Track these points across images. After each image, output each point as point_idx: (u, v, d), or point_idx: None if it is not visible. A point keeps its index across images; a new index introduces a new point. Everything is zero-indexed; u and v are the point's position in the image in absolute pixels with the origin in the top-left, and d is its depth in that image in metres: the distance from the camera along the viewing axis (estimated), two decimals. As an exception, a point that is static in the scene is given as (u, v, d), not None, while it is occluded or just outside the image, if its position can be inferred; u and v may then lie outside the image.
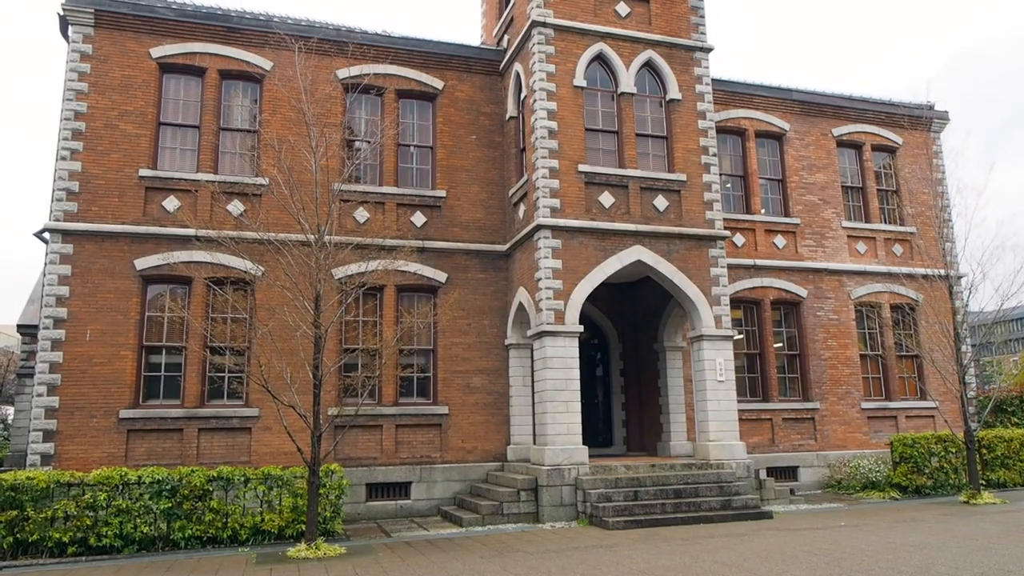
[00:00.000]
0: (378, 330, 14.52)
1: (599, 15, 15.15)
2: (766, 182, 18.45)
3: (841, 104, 19.41)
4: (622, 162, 14.65)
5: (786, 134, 18.64)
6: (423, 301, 15.28)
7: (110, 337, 13.29)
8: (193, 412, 13.42)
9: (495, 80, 16.60)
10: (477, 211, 15.85)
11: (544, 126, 14.14)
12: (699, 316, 14.53)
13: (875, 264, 18.77)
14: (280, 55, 14.78)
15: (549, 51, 14.54)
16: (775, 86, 18.85)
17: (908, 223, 19.28)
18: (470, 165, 16.00)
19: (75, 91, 13.89)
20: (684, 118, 15.25)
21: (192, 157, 14.53)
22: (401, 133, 15.81)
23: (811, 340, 17.79)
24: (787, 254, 18.01)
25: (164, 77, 14.65)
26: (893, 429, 17.91)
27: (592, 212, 14.21)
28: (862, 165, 19.49)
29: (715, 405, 14.26)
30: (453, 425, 14.86)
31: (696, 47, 15.67)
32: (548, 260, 13.69)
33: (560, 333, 13.50)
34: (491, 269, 15.68)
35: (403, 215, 15.30)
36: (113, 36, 14.32)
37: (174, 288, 14.07)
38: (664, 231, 14.49)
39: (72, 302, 13.22)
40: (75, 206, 13.52)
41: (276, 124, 14.76)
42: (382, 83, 15.60)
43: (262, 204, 14.26)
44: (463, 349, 15.20)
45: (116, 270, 13.54)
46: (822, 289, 18.15)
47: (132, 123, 14.11)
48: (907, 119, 19.53)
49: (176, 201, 14.02)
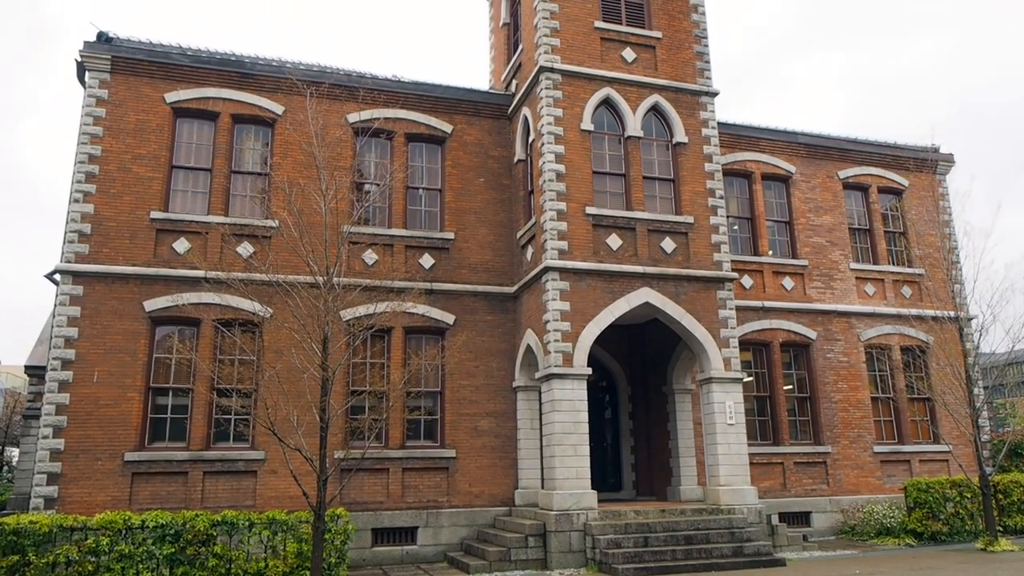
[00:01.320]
0: (386, 372, 14.46)
1: (606, 60, 15.37)
2: (773, 224, 18.49)
3: (846, 147, 19.54)
4: (629, 204, 14.73)
5: (792, 176, 18.74)
6: (431, 343, 15.25)
7: (117, 379, 13.27)
8: (198, 455, 13.32)
9: (503, 124, 16.80)
10: (485, 253, 15.90)
11: (552, 169, 14.26)
12: (708, 358, 14.44)
13: (884, 306, 18.70)
14: (292, 100, 15.01)
15: (557, 96, 14.73)
16: (780, 129, 19.03)
17: (916, 265, 19.25)
18: (478, 207, 16.11)
19: (90, 135, 14.10)
20: (691, 161, 15.36)
21: (203, 200, 14.67)
22: (410, 176, 15.96)
23: (821, 382, 17.64)
24: (795, 296, 17.96)
25: (178, 121, 14.88)
26: (907, 473, 17.63)
27: (600, 254, 14.24)
28: (869, 207, 19.54)
29: (725, 449, 14.08)
30: (460, 469, 14.70)
31: (702, 91, 15.86)
32: (556, 302, 13.68)
33: (568, 376, 13.42)
34: (499, 311, 15.67)
35: (411, 257, 15.36)
36: (129, 81, 14.59)
37: (182, 329, 14.09)
38: (672, 273, 14.49)
39: (80, 343, 13.24)
40: (86, 248, 13.63)
41: (287, 167, 14.93)
42: (392, 127, 15.80)
43: (272, 246, 14.34)
44: (471, 391, 15.11)
45: (125, 311, 13.58)
46: (831, 331, 18.05)
47: (145, 166, 14.29)
48: (912, 162, 19.63)
49: (186, 243, 14.12)
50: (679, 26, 16.19)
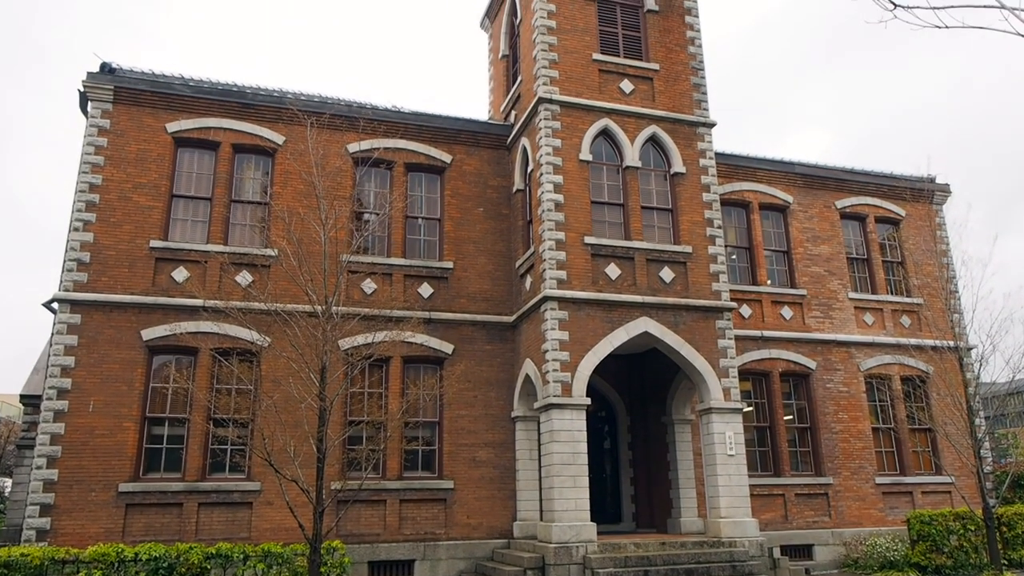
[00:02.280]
0: (384, 402, 14.37)
1: (604, 92, 15.52)
2: (771, 253, 18.53)
3: (843, 177, 19.65)
4: (628, 234, 14.77)
5: (790, 206, 18.83)
6: (429, 373, 15.18)
7: (113, 408, 13.18)
8: (194, 486, 13.18)
9: (502, 154, 16.91)
10: (484, 282, 15.90)
11: (551, 199, 14.32)
12: (707, 388, 14.38)
13: (883, 336, 18.67)
14: (293, 130, 15.12)
15: (555, 126, 14.84)
16: (777, 159, 19.15)
17: (915, 294, 19.25)
18: (477, 237, 16.14)
19: (91, 164, 14.17)
20: (689, 191, 15.44)
21: (203, 228, 14.70)
22: (409, 205, 16.01)
23: (821, 413, 17.54)
24: (794, 325, 17.93)
25: (178, 150, 14.96)
26: (909, 505, 17.46)
27: (599, 284, 14.24)
28: (866, 237, 19.61)
29: (726, 480, 13.96)
30: (458, 500, 14.54)
31: (699, 122, 15.99)
32: (555, 332, 13.65)
33: (567, 406, 13.35)
34: (498, 340, 15.62)
35: (410, 286, 15.35)
36: (131, 111, 14.69)
37: (180, 358, 14.02)
38: (671, 303, 14.49)
39: (77, 372, 13.17)
40: (85, 276, 13.62)
41: (287, 196, 14.98)
42: (392, 157, 15.89)
43: (270, 275, 14.34)
44: (469, 421, 15.01)
45: (123, 340, 13.53)
46: (831, 361, 18.00)
47: (145, 195, 14.34)
48: (909, 192, 19.74)
49: (185, 272, 14.12)
50: (676, 58, 16.37)
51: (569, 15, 15.75)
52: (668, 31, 16.52)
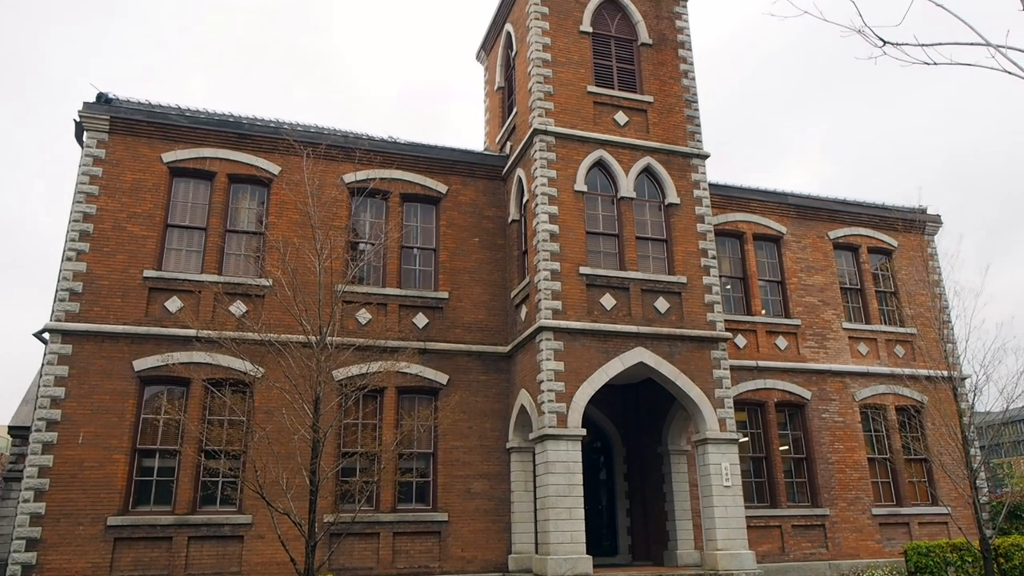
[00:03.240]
0: (377, 433, 14.25)
1: (599, 124, 15.65)
2: (765, 284, 18.59)
3: (835, 208, 19.80)
4: (623, 264, 14.80)
5: (783, 237, 18.93)
6: (424, 403, 15.07)
7: (103, 440, 13.01)
8: (184, 519, 12.98)
9: (498, 184, 16.99)
10: (479, 312, 15.87)
11: (546, 229, 14.36)
12: (703, 419, 14.32)
13: (877, 365, 18.67)
14: (288, 160, 15.15)
15: (550, 157, 14.93)
16: (770, 190, 19.30)
17: (908, 324, 19.31)
18: (472, 267, 16.14)
19: (86, 194, 14.15)
20: (683, 222, 15.52)
21: (197, 258, 14.66)
22: (405, 235, 16.03)
23: (817, 443, 17.48)
24: (789, 355, 17.93)
25: (174, 180, 14.97)
26: (906, 536, 17.33)
27: (594, 314, 14.24)
28: (859, 267, 19.70)
29: (722, 511, 13.84)
30: (453, 533, 14.36)
31: (693, 154, 16.12)
32: (550, 362, 13.60)
33: (562, 437, 13.26)
34: (493, 371, 15.55)
35: (405, 316, 15.30)
36: (127, 141, 14.72)
37: (172, 389, 13.90)
38: (666, 333, 14.48)
39: (67, 403, 13.02)
40: (77, 306, 13.53)
41: (282, 226, 14.98)
42: (387, 187, 15.94)
43: (265, 305, 14.27)
44: (464, 453, 14.88)
45: (114, 371, 13.41)
46: (826, 391, 17.98)
47: (140, 225, 14.32)
48: (901, 222, 19.89)
49: (179, 302, 14.05)
50: (670, 91, 16.56)
51: (564, 48, 15.94)
52: (662, 64, 16.72)
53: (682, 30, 17.26)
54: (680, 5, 17.49)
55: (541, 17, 15.96)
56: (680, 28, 17.26)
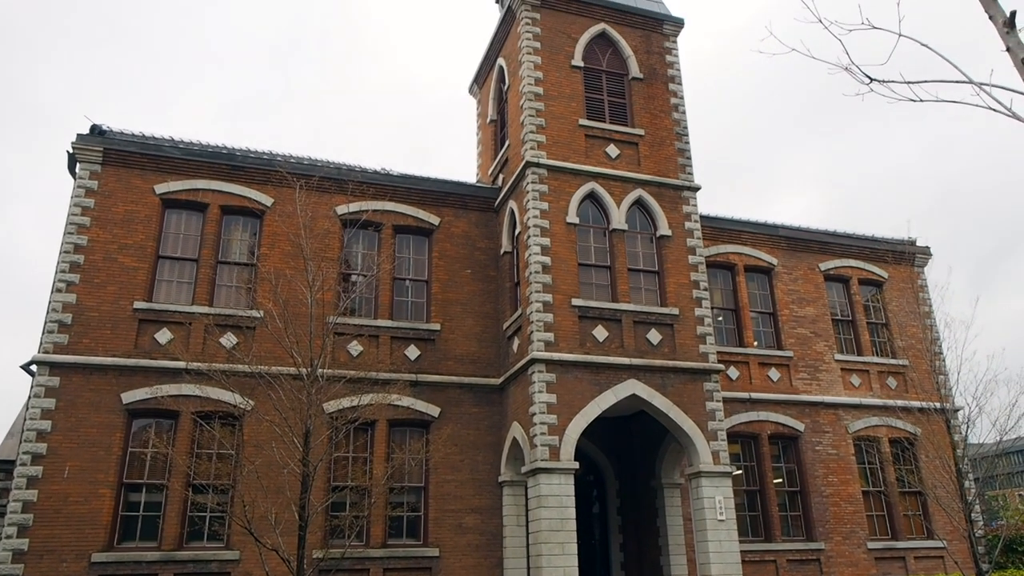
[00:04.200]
0: (368, 467, 14.09)
1: (590, 156, 15.78)
2: (757, 315, 18.61)
3: (825, 240, 19.92)
4: (615, 296, 14.81)
5: (775, 268, 19.01)
6: (415, 436, 14.95)
7: (89, 474, 12.82)
8: (170, 555, 12.75)
9: (490, 216, 17.05)
10: (471, 344, 15.81)
11: (538, 261, 14.39)
12: (696, 452, 14.23)
13: (870, 397, 18.65)
14: (281, 192, 15.18)
15: (542, 190, 15.02)
16: (761, 222, 19.41)
17: (900, 356, 19.33)
18: (465, 299, 16.13)
19: (77, 225, 14.12)
20: (675, 253, 15.58)
21: (188, 290, 14.60)
22: (397, 267, 16.02)
23: (811, 476, 17.36)
24: (782, 387, 17.90)
25: (166, 212, 14.97)
26: (902, 571, 17.16)
27: (586, 346, 14.21)
28: (850, 298, 19.77)
29: (716, 547, 13.69)
30: (444, 568, 14.14)
31: (684, 186, 16.24)
32: (542, 394, 13.53)
33: (555, 470, 13.14)
34: (485, 403, 15.45)
35: (397, 348, 15.23)
36: (119, 173, 14.74)
37: (160, 422, 13.75)
38: (658, 365, 14.45)
39: (53, 436, 12.85)
40: (66, 338, 13.42)
41: (274, 258, 14.96)
42: (380, 219, 15.97)
43: (256, 337, 14.19)
44: (455, 486, 14.72)
45: (102, 403, 13.26)
46: (819, 423, 17.92)
47: (131, 256, 14.27)
48: (890, 254, 20.01)
49: (169, 334, 13.96)
50: (660, 124, 16.73)
51: (556, 82, 16.12)
52: (652, 98, 16.92)
53: (672, 64, 17.50)
54: (670, 40, 17.76)
55: (533, 52, 16.16)
56: (670, 63, 17.50)
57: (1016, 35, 4.79)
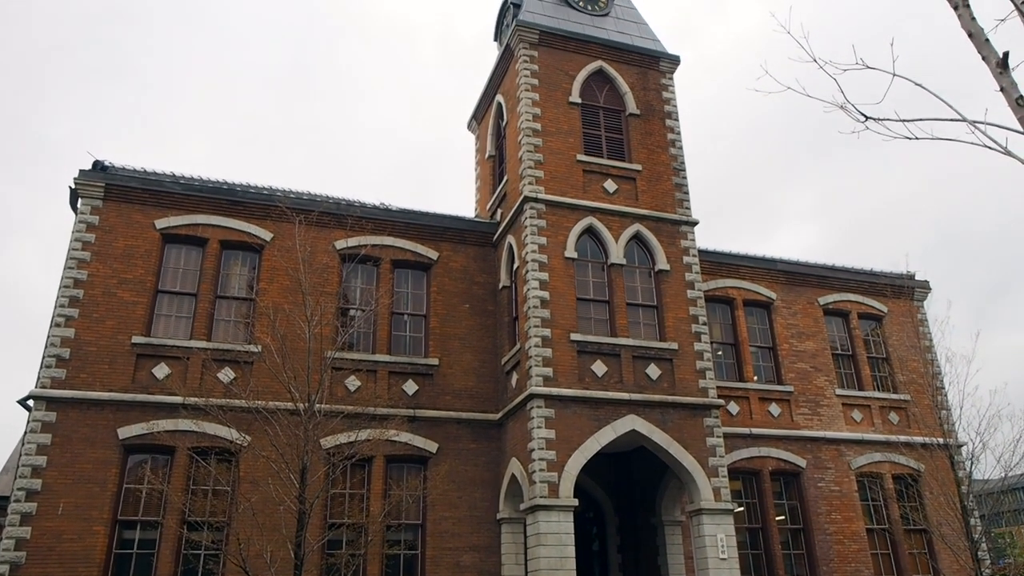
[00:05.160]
0: (365, 504, 13.93)
1: (588, 191, 15.87)
2: (757, 350, 18.55)
3: (824, 274, 19.94)
4: (614, 331, 14.78)
5: (773, 302, 18.99)
6: (413, 472, 14.79)
7: (84, 511, 12.67)
8: (163, 594, 12.54)
9: (488, 251, 17.09)
10: (469, 379, 15.74)
11: (536, 296, 14.39)
12: (697, 488, 14.07)
13: (872, 433, 18.49)
14: (281, 227, 15.24)
15: (541, 224, 15.08)
16: (759, 256, 19.45)
17: (901, 391, 19.22)
18: (463, 333, 16.09)
19: (77, 260, 14.16)
20: (673, 288, 15.58)
21: (187, 324, 14.59)
22: (395, 302, 16.02)
23: (814, 513, 17.15)
24: (783, 422, 17.76)
25: (166, 246, 15.01)
26: (908, 611, 16.85)
27: (585, 381, 14.14)
28: (850, 333, 19.72)
29: (719, 586, 13.46)
30: (441, 608, 13.89)
31: (681, 220, 16.31)
32: (541, 430, 13.43)
33: (554, 507, 12.99)
34: (483, 439, 15.33)
35: (395, 383, 15.16)
36: (120, 208, 14.81)
37: (155, 458, 13.63)
38: (658, 400, 14.36)
39: (48, 472, 12.72)
40: (63, 373, 13.36)
41: (273, 293, 14.96)
42: (379, 254, 16.01)
43: (253, 372, 14.13)
44: (453, 524, 14.53)
45: (98, 439, 13.16)
46: (821, 459, 17.74)
47: (130, 291, 14.28)
48: (889, 288, 20.01)
49: (167, 368, 13.91)
50: (658, 159, 16.86)
51: (554, 118, 16.28)
52: (650, 133, 17.08)
53: (669, 101, 17.70)
54: (667, 77, 17.98)
55: (531, 88, 16.36)
56: (667, 99, 17.70)
57: (1009, 75, 4.85)
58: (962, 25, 4.99)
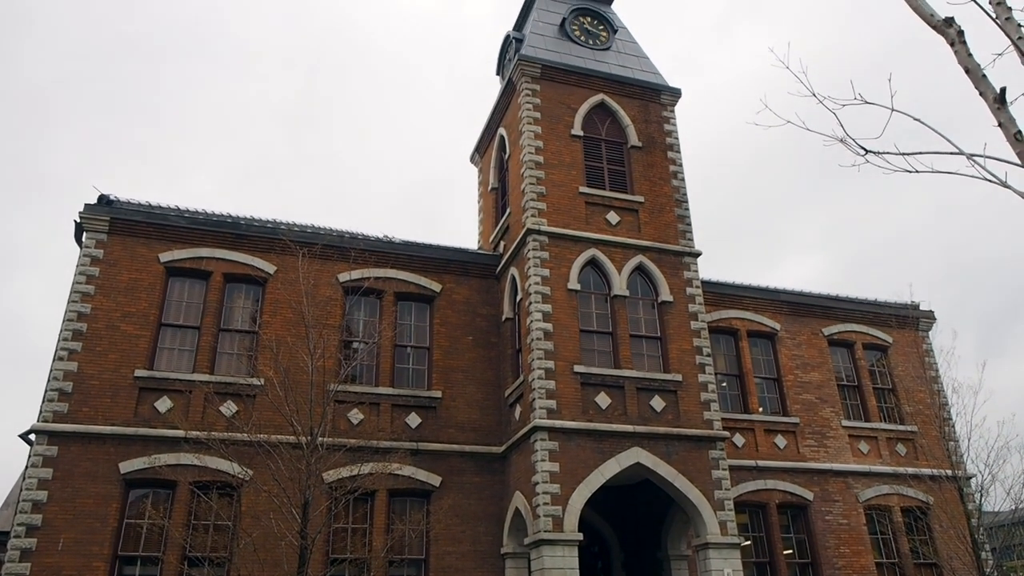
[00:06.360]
0: (367, 539, 13.78)
1: (591, 223, 15.93)
2: (762, 381, 18.45)
3: (828, 304, 19.90)
4: (617, 363, 14.73)
5: (777, 333, 18.94)
6: (415, 507, 14.65)
7: (84, 546, 12.55)
8: (162, 632, 12.36)
9: (491, 283, 17.11)
10: (473, 412, 15.66)
11: (540, 328, 14.37)
12: (703, 522, 13.91)
13: (879, 464, 18.30)
14: (284, 259, 15.29)
15: (544, 256, 15.11)
16: (763, 287, 19.44)
17: (908, 422, 19.05)
18: (466, 365, 16.05)
19: (81, 293, 14.20)
20: (677, 319, 15.55)
21: (189, 357, 14.58)
22: (398, 334, 16.00)
23: (822, 547, 16.90)
24: (789, 454, 17.60)
25: (170, 280, 15.06)
26: (920, 648, 16.52)
27: (589, 413, 14.06)
28: (855, 363, 19.62)
29: (726, 622, 13.24)
30: (444, 646, 13.67)
31: (684, 252, 16.33)
32: (545, 463, 13.32)
33: (559, 542, 12.83)
34: (487, 472, 15.20)
35: (398, 416, 15.08)
36: (125, 242, 14.89)
37: (157, 492, 13.52)
38: (662, 432, 14.26)
39: (49, 508, 12.63)
40: (65, 407, 13.33)
41: (276, 325, 14.97)
42: (382, 286, 16.04)
43: (256, 405, 14.07)
44: (456, 559, 14.35)
45: (99, 473, 13.08)
46: (828, 491, 17.54)
47: (133, 324, 14.30)
48: (894, 318, 19.95)
49: (169, 402, 13.87)
50: (660, 191, 16.94)
51: (556, 151, 16.41)
52: (651, 165, 17.18)
53: (670, 133, 17.83)
54: (668, 110, 18.14)
55: (533, 122, 16.51)
56: (668, 131, 17.83)
57: (1007, 111, 4.88)
58: (959, 61, 5.04)
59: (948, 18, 5.12)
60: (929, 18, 5.23)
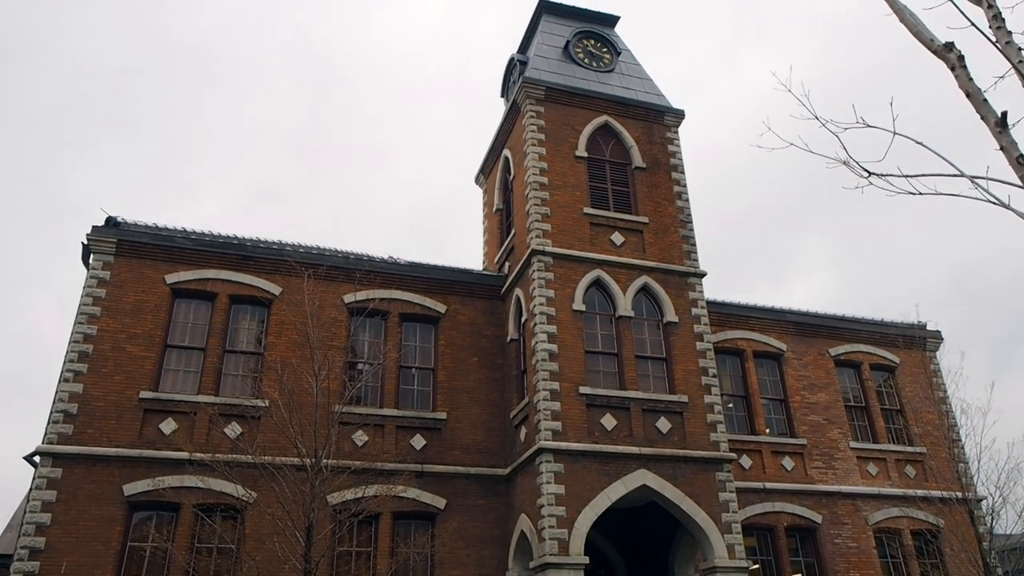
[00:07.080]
0: (372, 563, 13.68)
1: (595, 244, 15.94)
2: (768, 402, 18.34)
3: (835, 325, 19.81)
4: (623, 384, 14.67)
5: (784, 354, 18.84)
6: (420, 530, 14.55)
7: (87, 570, 12.49)
8: (165, 657, 12.26)
9: (496, 304, 17.11)
10: (478, 433, 15.60)
11: (545, 349, 14.34)
12: (710, 545, 13.76)
13: (888, 487, 18.11)
14: (290, 281, 15.34)
15: (548, 277, 15.12)
16: (768, 307, 19.38)
17: (917, 443, 18.88)
18: (471, 387, 16.00)
19: (88, 315, 14.25)
20: (682, 340, 15.51)
21: (194, 379, 14.58)
22: (403, 355, 15.99)
23: (832, 571, 16.69)
24: (797, 476, 17.44)
25: (176, 301, 15.11)
26: (932, 674, 16.25)
27: (594, 435, 13.98)
28: (863, 384, 19.49)
29: (735, 648, 13.06)
30: (449, 671, 13.51)
31: (689, 272, 16.32)
32: (551, 485, 13.23)
33: (564, 565, 12.71)
34: (492, 494, 15.11)
35: (402, 438, 15.03)
36: (131, 263, 14.96)
37: (160, 515, 13.47)
38: (669, 454, 14.16)
39: (52, 530, 12.59)
40: (70, 429, 13.32)
41: (281, 347, 14.98)
42: (387, 307, 16.05)
43: (260, 427, 14.04)
44: (461, 583, 14.21)
45: (103, 495, 13.04)
46: (837, 514, 17.35)
47: (139, 345, 14.33)
48: (901, 339, 19.83)
49: (173, 423, 13.86)
50: (664, 212, 16.96)
51: (560, 172, 16.47)
52: (656, 186, 17.22)
53: (674, 154, 17.89)
54: (672, 131, 18.21)
55: (538, 143, 16.59)
56: (672, 152, 17.89)
57: (1009, 134, 4.88)
58: (960, 86, 5.05)
59: (948, 43, 5.13)
60: (929, 43, 5.25)
